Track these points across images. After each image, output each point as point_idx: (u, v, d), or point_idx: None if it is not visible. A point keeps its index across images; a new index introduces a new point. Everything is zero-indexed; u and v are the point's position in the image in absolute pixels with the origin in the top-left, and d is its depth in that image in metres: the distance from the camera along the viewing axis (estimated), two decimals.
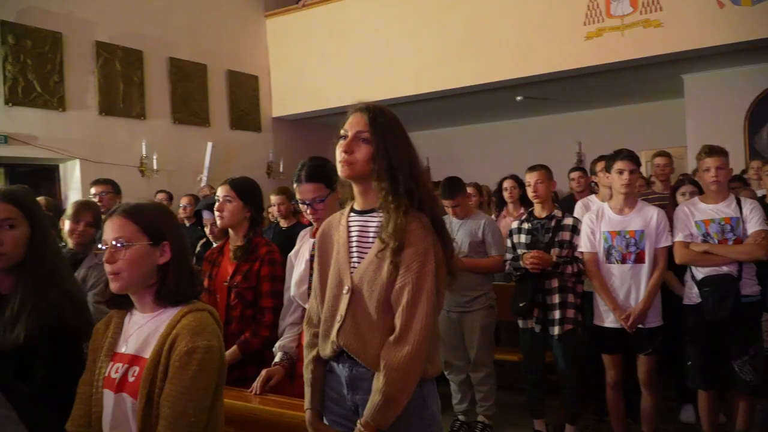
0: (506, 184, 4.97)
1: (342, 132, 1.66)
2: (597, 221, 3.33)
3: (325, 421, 1.74)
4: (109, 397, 1.50)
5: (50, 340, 1.57)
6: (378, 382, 1.55)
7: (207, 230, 3.82)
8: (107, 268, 1.50)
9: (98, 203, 4.24)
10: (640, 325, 3.19)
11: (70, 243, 3.02)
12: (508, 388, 4.50)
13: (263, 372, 2.28)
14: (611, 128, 8.83)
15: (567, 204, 5.06)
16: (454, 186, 3.86)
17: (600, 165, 4.11)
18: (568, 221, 3.47)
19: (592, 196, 4.35)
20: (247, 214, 2.60)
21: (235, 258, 2.57)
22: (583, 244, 3.36)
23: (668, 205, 3.63)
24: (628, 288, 3.22)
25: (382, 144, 1.60)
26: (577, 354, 3.49)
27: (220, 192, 2.60)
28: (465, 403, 3.92)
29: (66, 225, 3.03)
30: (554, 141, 9.40)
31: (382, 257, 1.59)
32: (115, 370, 1.52)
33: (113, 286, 1.51)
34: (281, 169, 8.74)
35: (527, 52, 6.86)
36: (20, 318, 1.57)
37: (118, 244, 1.49)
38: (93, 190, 4.39)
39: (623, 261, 3.24)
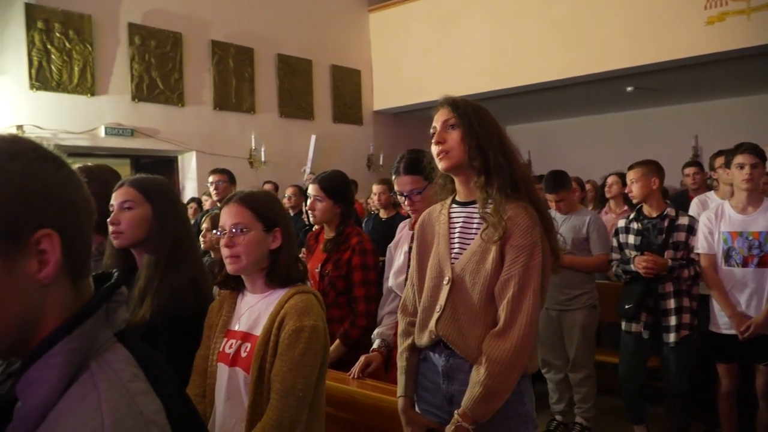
0: (609, 180, 4.80)
1: (431, 130, 1.71)
2: (716, 221, 3.10)
3: (417, 410, 1.77)
4: (223, 370, 1.62)
5: (172, 323, 1.69)
6: (478, 374, 1.54)
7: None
8: (225, 251, 1.61)
9: (214, 190, 4.54)
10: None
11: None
12: (609, 391, 4.32)
13: (362, 358, 2.35)
14: (732, 120, 8.17)
15: (680, 201, 4.77)
16: (558, 180, 3.74)
17: (719, 160, 3.84)
18: (684, 221, 3.22)
19: (710, 193, 4.07)
20: (337, 210, 2.66)
21: (325, 251, 2.66)
22: (700, 245, 3.13)
23: None
24: (750, 294, 2.99)
25: (468, 123, 1.64)
26: (690, 361, 3.28)
27: (311, 191, 2.69)
28: (562, 404, 3.82)
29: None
30: (667, 134, 8.86)
31: (486, 249, 1.59)
32: (229, 346, 1.63)
33: (231, 268, 1.62)
34: (381, 162, 8.88)
35: (640, 39, 6.50)
36: (146, 298, 1.71)
37: (236, 230, 1.60)
38: (210, 179, 4.66)
39: (745, 264, 3.00)
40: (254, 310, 1.64)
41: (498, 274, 1.58)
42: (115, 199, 1.81)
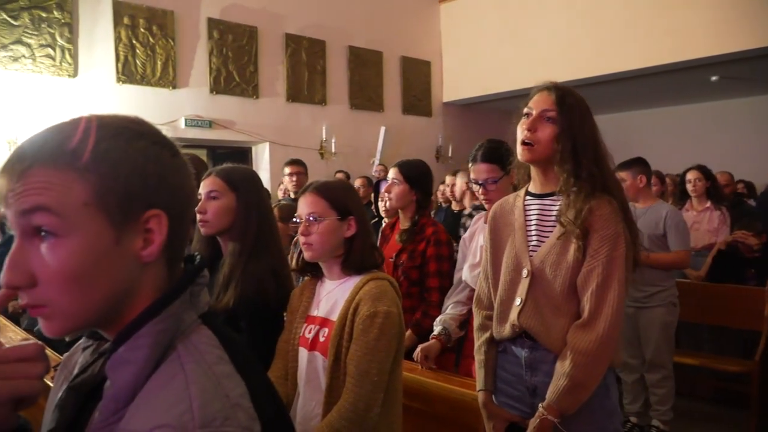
0: (689, 175, 4.52)
1: (525, 110, 1.63)
2: None
3: (496, 403, 1.75)
4: (303, 354, 1.68)
5: (253, 311, 1.76)
6: (564, 365, 1.51)
7: (381, 205, 3.97)
8: (302, 239, 1.66)
9: (291, 181, 4.66)
10: None
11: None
12: (688, 394, 4.14)
13: (419, 349, 2.32)
14: None
15: None
16: (631, 161, 3.66)
17: None
18: None
19: None
20: (413, 198, 2.65)
21: (400, 241, 2.66)
22: None
23: None
24: None
25: (568, 124, 1.56)
26: None
27: (390, 174, 2.71)
28: (637, 405, 3.70)
29: None
30: (755, 126, 8.35)
31: (566, 241, 1.56)
32: (308, 331, 1.69)
33: (307, 255, 1.67)
34: (450, 154, 8.83)
35: (727, 25, 6.13)
36: (230, 286, 1.78)
37: (312, 218, 1.64)
38: (287, 170, 4.76)
39: None
40: (331, 296, 1.69)
41: (580, 265, 1.54)
42: (202, 189, 1.88)
